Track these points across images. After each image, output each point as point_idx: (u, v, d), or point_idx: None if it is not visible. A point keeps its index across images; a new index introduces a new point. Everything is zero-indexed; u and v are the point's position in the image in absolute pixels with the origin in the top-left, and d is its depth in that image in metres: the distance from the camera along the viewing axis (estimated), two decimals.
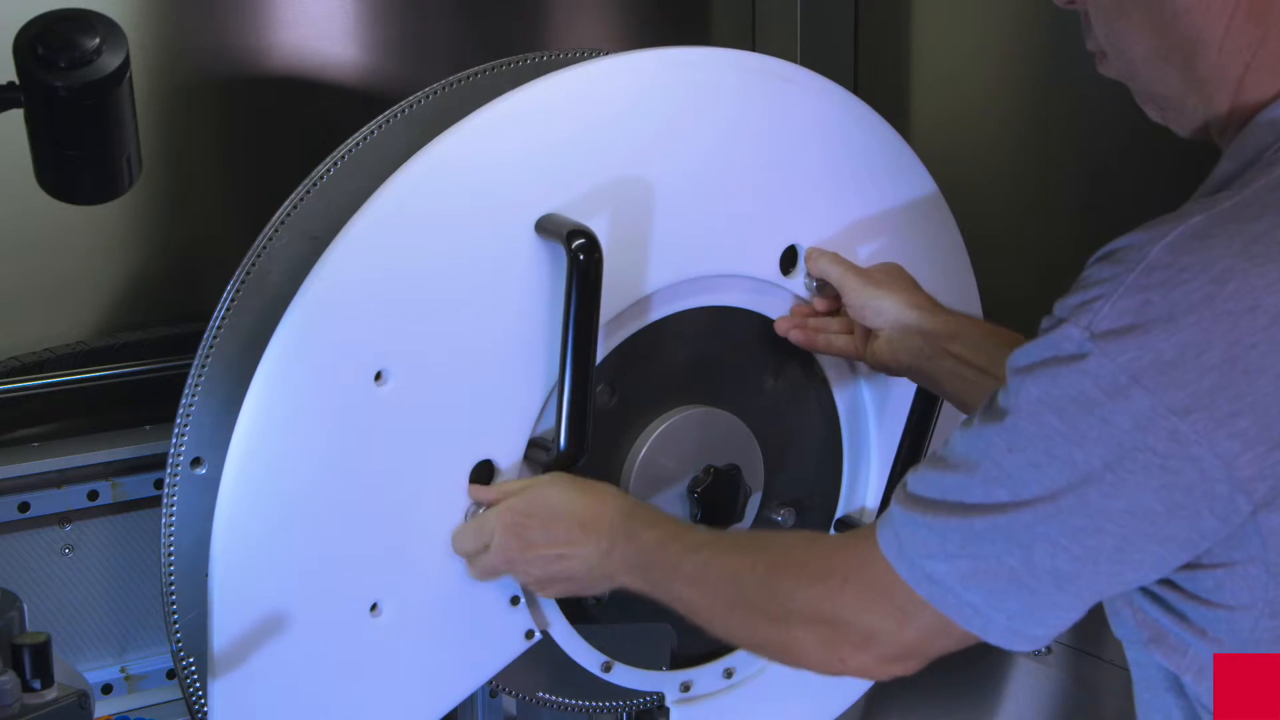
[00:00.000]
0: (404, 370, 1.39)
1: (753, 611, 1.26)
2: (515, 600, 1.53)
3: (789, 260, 1.62)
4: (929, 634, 1.14)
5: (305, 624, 1.39)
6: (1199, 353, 1.01)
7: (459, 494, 1.46)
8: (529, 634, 1.55)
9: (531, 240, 1.43)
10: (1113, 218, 1.11)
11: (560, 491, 1.42)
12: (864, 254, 1.66)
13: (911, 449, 1.67)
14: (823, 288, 1.62)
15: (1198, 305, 1.01)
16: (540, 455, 1.48)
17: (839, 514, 1.76)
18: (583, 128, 1.46)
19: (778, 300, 1.64)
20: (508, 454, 1.48)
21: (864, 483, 1.76)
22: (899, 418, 1.69)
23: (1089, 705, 1.90)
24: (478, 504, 1.45)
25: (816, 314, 1.63)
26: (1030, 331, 1.11)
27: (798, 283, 1.63)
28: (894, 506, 1.15)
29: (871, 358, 1.57)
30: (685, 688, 1.69)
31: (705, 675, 1.71)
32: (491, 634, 1.53)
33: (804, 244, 1.62)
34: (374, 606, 1.43)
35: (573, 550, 1.40)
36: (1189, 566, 1.08)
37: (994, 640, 1.12)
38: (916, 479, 1.15)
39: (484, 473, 1.47)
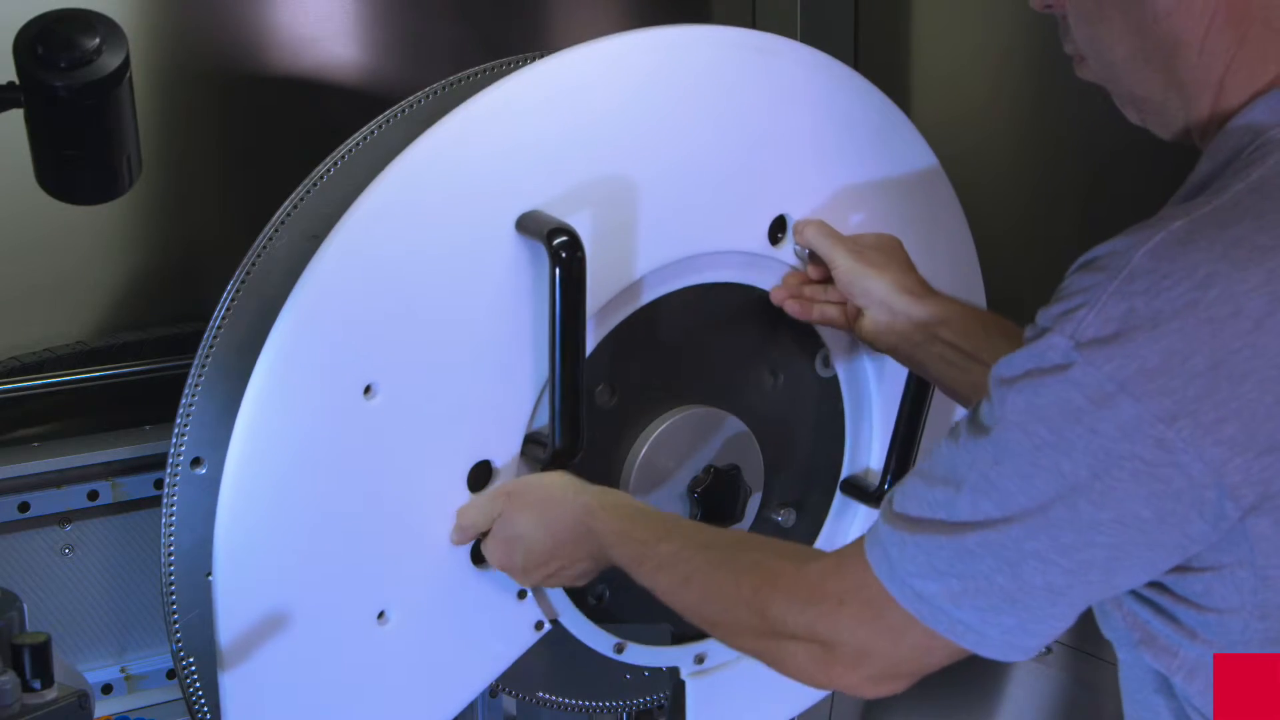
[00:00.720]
0: (393, 381, 1.38)
1: (739, 628, 1.26)
2: (522, 594, 1.53)
3: (777, 230, 1.60)
4: (921, 651, 1.14)
5: (311, 634, 1.39)
6: (1184, 359, 1.00)
7: (458, 497, 1.46)
8: (538, 625, 1.55)
9: (514, 237, 1.42)
10: (1113, 218, 1.10)
11: (527, 520, 1.42)
12: (855, 221, 1.63)
13: (909, 428, 1.68)
14: (815, 255, 1.60)
15: (1181, 311, 1.00)
16: (537, 452, 1.47)
17: (844, 475, 1.75)
18: (561, 116, 1.44)
19: (769, 272, 1.62)
20: (504, 453, 1.47)
21: (866, 446, 1.75)
22: (898, 379, 1.69)
23: (1089, 705, 1.90)
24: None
25: (811, 282, 1.61)
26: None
27: (787, 251, 1.61)
28: (881, 525, 1.15)
29: (859, 333, 1.57)
30: (699, 660, 1.69)
31: (719, 646, 1.68)
32: (501, 629, 1.52)
33: (792, 213, 1.60)
34: (381, 614, 1.43)
35: (561, 569, 1.43)
36: (1178, 569, 1.08)
37: (988, 654, 1.11)
38: (902, 494, 1.14)
39: (482, 472, 1.47)
